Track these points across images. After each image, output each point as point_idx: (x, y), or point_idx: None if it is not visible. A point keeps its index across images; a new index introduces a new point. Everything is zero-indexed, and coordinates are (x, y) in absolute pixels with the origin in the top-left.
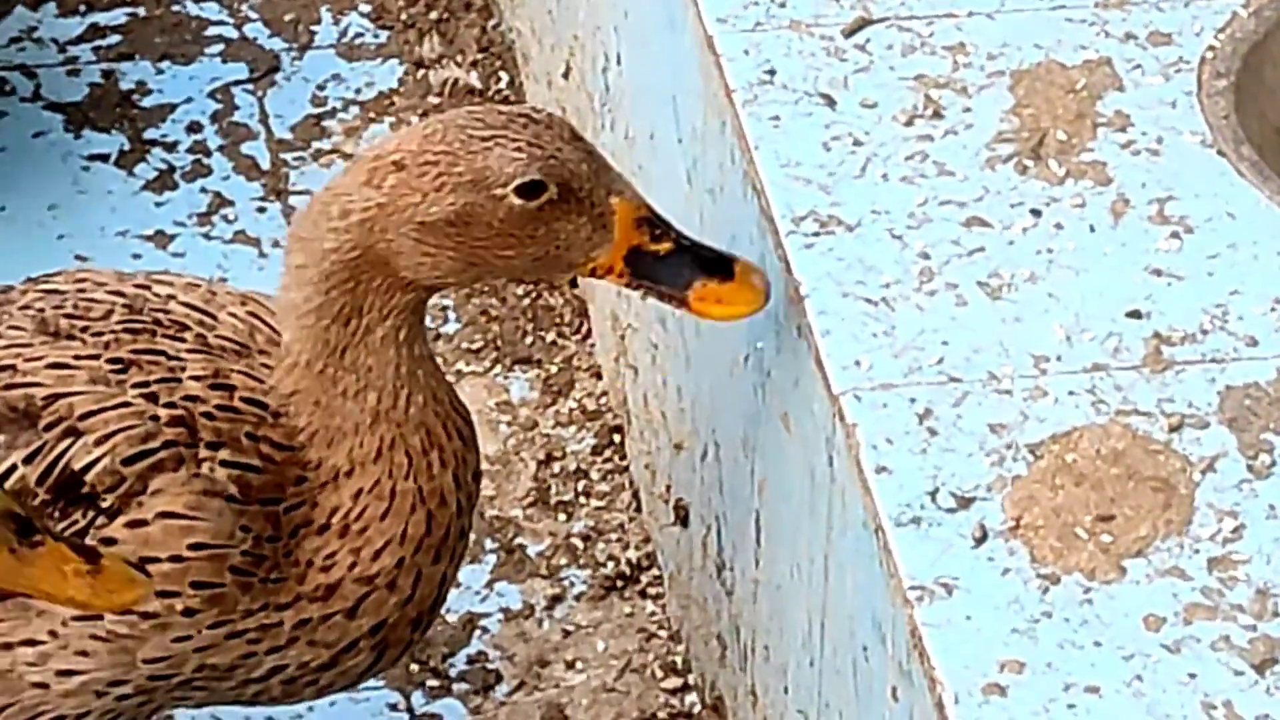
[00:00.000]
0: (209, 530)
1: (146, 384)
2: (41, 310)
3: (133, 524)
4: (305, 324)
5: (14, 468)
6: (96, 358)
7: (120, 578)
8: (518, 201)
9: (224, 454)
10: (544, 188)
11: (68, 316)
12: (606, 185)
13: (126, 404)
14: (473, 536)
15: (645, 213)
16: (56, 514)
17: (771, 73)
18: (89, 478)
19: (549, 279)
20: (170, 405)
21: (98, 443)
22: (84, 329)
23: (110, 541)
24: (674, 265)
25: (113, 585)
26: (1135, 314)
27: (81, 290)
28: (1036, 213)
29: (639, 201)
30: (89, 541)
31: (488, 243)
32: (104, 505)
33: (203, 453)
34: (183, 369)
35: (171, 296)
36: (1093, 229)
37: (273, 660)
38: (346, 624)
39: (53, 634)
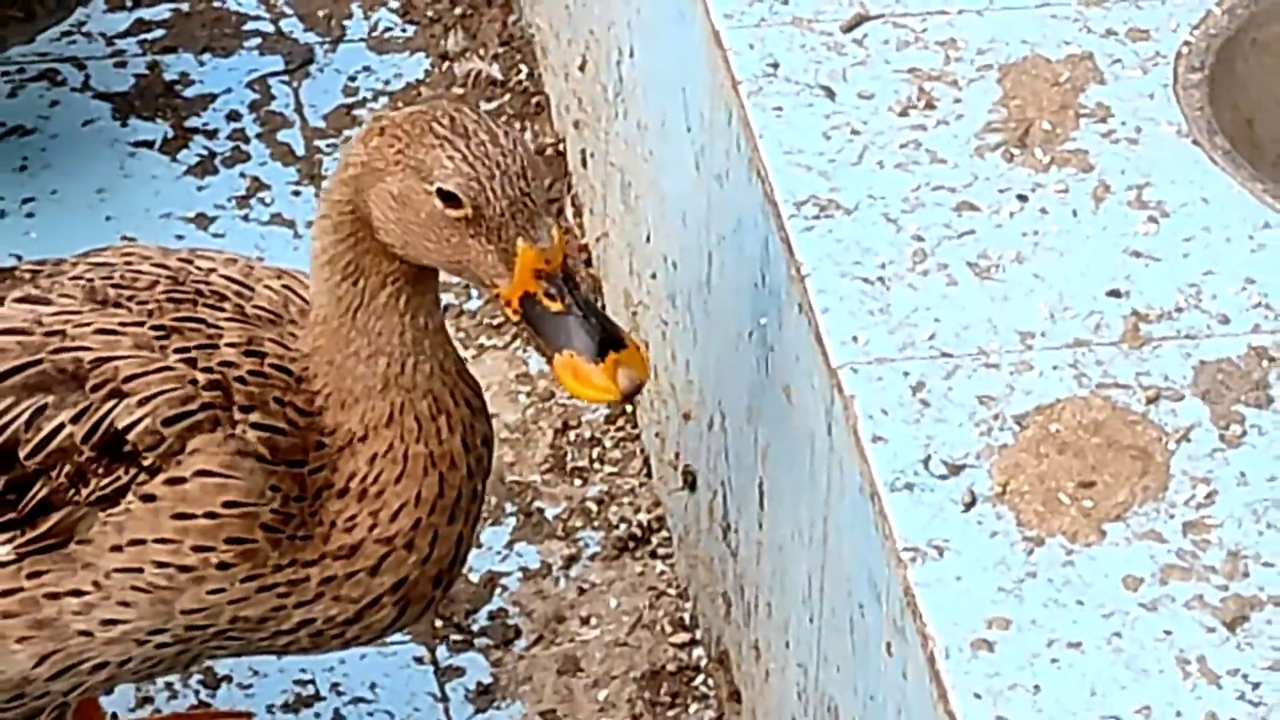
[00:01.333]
0: (242, 489)
1: (187, 350)
2: (91, 281)
3: (171, 481)
4: (321, 277)
5: (61, 426)
6: (141, 325)
7: None
8: (439, 204)
9: (255, 416)
10: (460, 203)
11: (115, 286)
12: (519, 228)
13: (168, 368)
14: (493, 500)
15: (549, 268)
16: (101, 471)
17: (775, 66)
18: (131, 436)
19: (475, 284)
20: (208, 370)
21: (140, 404)
22: (130, 298)
23: (150, 498)
24: (558, 325)
25: None
26: (1115, 293)
27: (129, 263)
28: (1023, 198)
29: (546, 255)
30: (131, 498)
31: (418, 230)
32: (145, 463)
33: (236, 415)
34: (220, 336)
35: (212, 270)
36: (1075, 213)
37: (301, 614)
38: (369, 581)
39: (96, 585)
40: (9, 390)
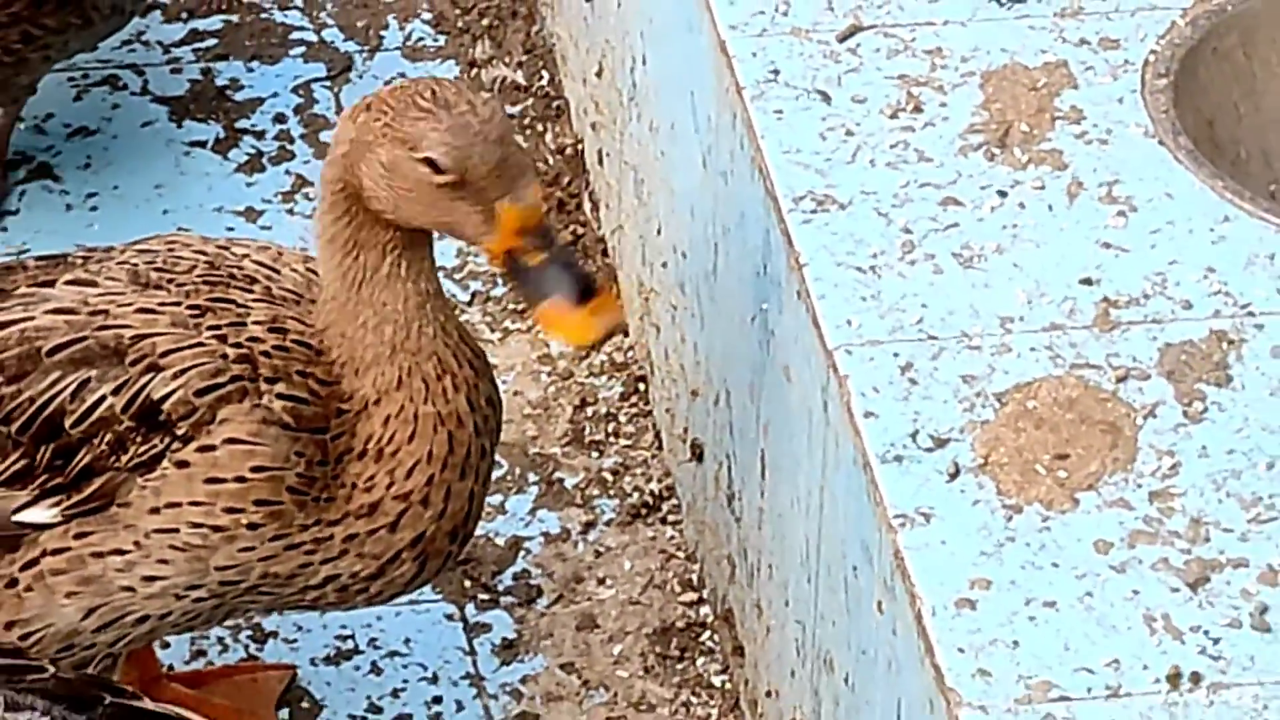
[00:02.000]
0: (268, 454)
1: (218, 327)
2: (135, 265)
3: (203, 449)
4: (325, 256)
5: (103, 398)
6: (178, 304)
7: None
8: (424, 170)
9: (279, 388)
10: (445, 170)
11: (157, 270)
12: (501, 190)
13: (200, 344)
14: (517, 470)
15: (529, 225)
16: (139, 439)
17: (776, 72)
18: (166, 407)
19: (465, 240)
20: (237, 345)
21: (174, 376)
22: (170, 280)
23: (184, 464)
24: (540, 277)
25: None
26: (1087, 281)
27: (171, 249)
28: (1003, 194)
29: (527, 214)
30: (167, 464)
31: (407, 194)
32: (179, 432)
33: (262, 386)
34: (248, 315)
35: (245, 255)
36: (1051, 208)
37: (327, 570)
38: (390, 538)
39: (137, 544)
40: (56, 365)
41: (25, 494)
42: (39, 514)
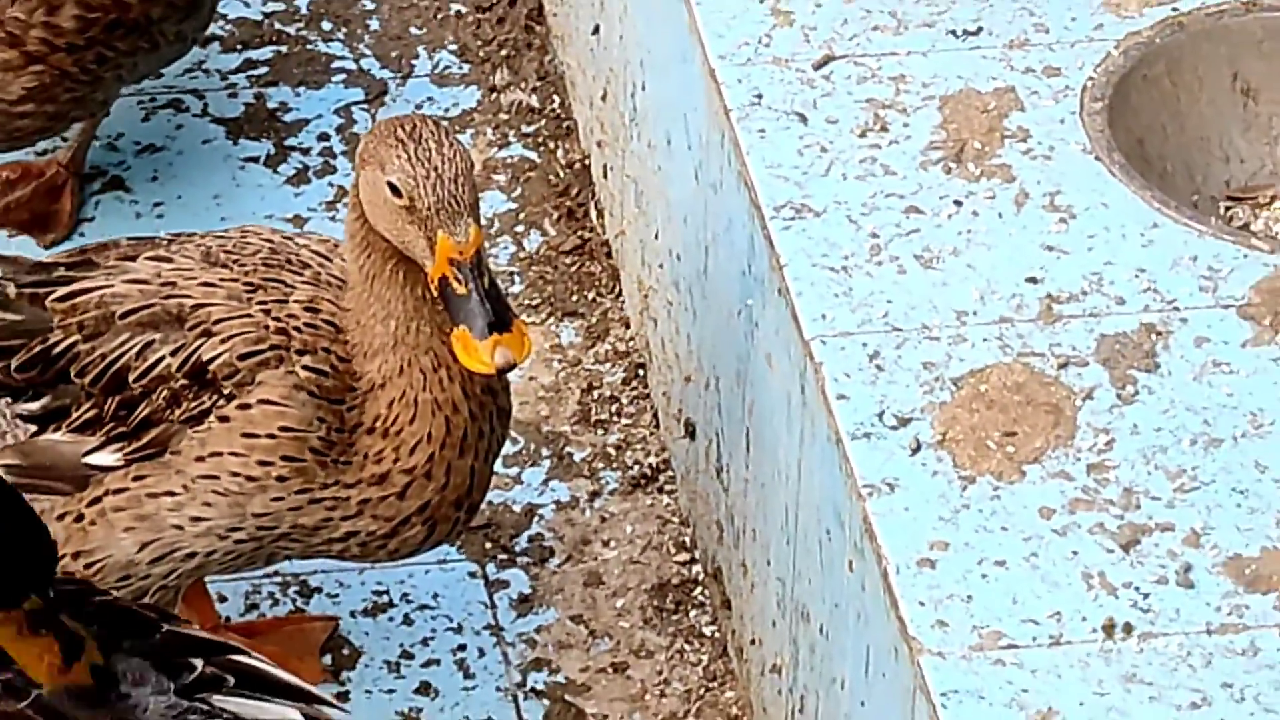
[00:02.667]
0: (295, 416)
1: (265, 302)
2: (209, 247)
3: (242, 406)
4: (348, 250)
5: (163, 358)
6: (236, 281)
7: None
8: (387, 191)
9: (306, 360)
10: (401, 194)
11: (226, 252)
12: (442, 223)
13: (249, 315)
14: (532, 446)
15: (460, 258)
16: (190, 395)
17: (759, 96)
18: (213, 367)
19: (415, 259)
20: (277, 319)
21: (222, 341)
22: (235, 261)
23: (225, 419)
24: (460, 305)
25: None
26: (1032, 280)
27: (244, 236)
28: (958, 203)
29: (460, 248)
30: (212, 418)
31: (379, 212)
32: (224, 391)
33: (294, 356)
34: (292, 294)
35: (305, 245)
36: (1000, 215)
37: (347, 526)
38: (399, 504)
39: (185, 488)
40: (126, 327)
41: (94, 439)
42: (104, 458)
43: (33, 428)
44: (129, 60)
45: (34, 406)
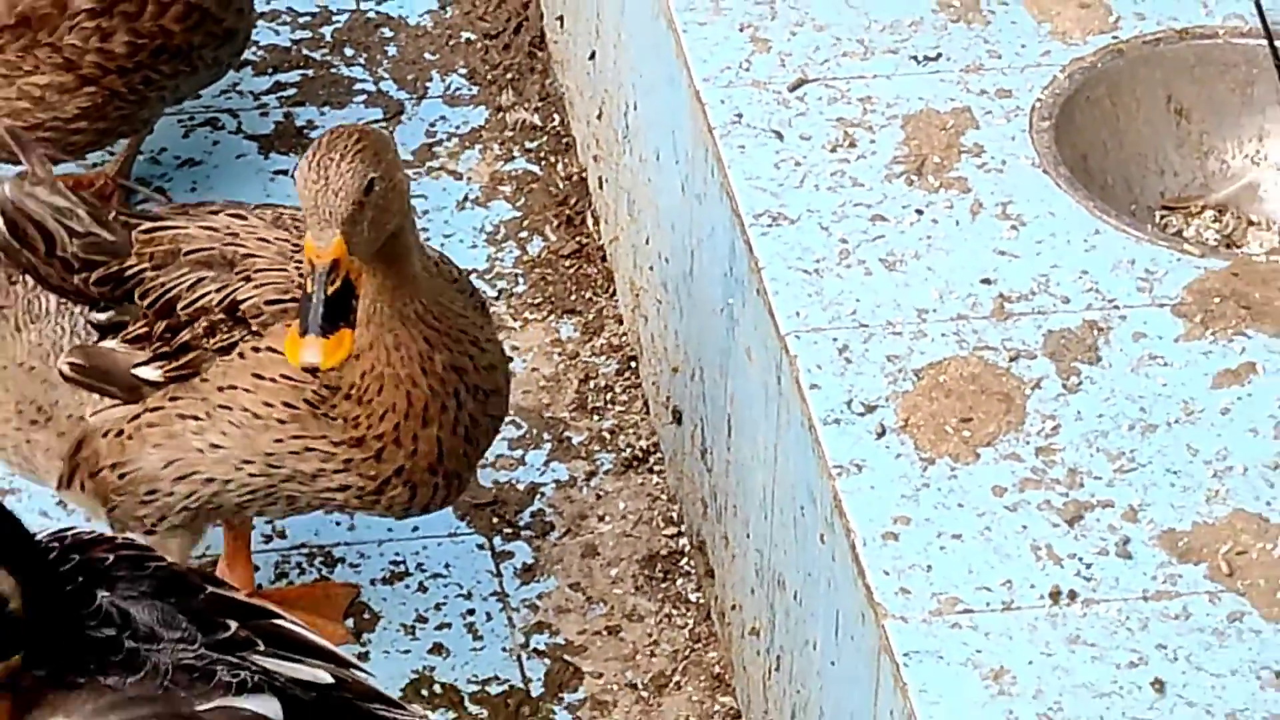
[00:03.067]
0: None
1: (300, 264)
2: (281, 213)
3: (258, 348)
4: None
5: (208, 293)
6: (287, 241)
7: None
8: None
9: None
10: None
11: (293, 219)
12: (310, 226)
13: (284, 270)
14: (534, 431)
15: (312, 261)
16: (225, 328)
17: (739, 115)
18: (244, 307)
19: None
20: (301, 276)
21: (256, 287)
22: (295, 227)
23: (243, 355)
24: (302, 302)
25: None
26: (986, 281)
27: None
28: (920, 212)
29: (318, 253)
30: (236, 352)
31: None
32: (251, 329)
33: None
34: None
35: None
36: (958, 223)
37: (340, 479)
38: (378, 466)
39: (208, 414)
40: (187, 263)
41: (143, 354)
42: (149, 372)
43: (97, 335)
44: (171, 82)
45: (102, 317)
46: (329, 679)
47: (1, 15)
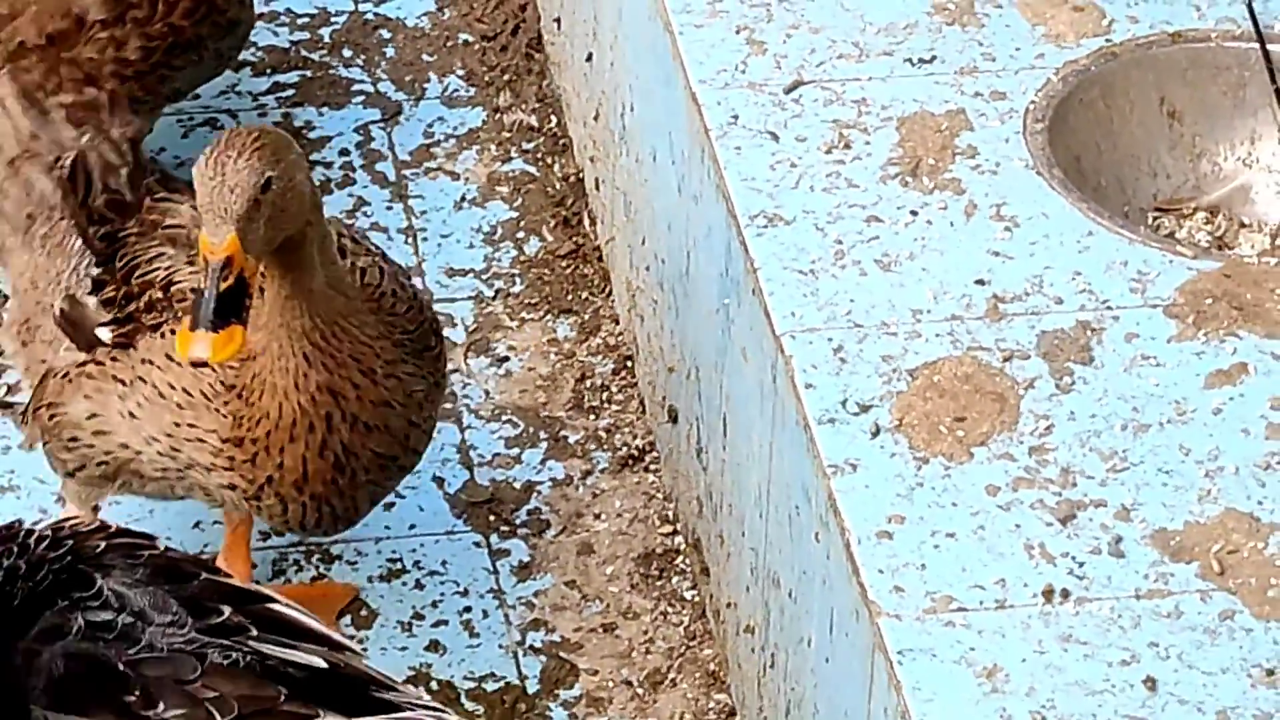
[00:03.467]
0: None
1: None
2: None
3: (174, 331)
4: None
5: (159, 269)
6: None
7: None
8: None
9: None
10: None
11: None
12: (205, 222)
13: None
14: (531, 429)
15: (209, 257)
16: (161, 306)
17: (735, 117)
18: (173, 290)
19: None
20: (195, 272)
21: (191, 272)
22: None
23: (163, 336)
24: (195, 298)
25: None
26: (980, 281)
27: None
28: (914, 213)
29: (211, 249)
30: (162, 330)
31: None
32: (175, 312)
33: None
34: None
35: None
36: (952, 224)
37: (226, 476)
38: (252, 469)
39: (129, 381)
40: (160, 237)
41: (106, 316)
42: (104, 333)
43: (91, 288)
44: (181, 74)
45: (95, 272)
46: (323, 664)
47: (30, 37)
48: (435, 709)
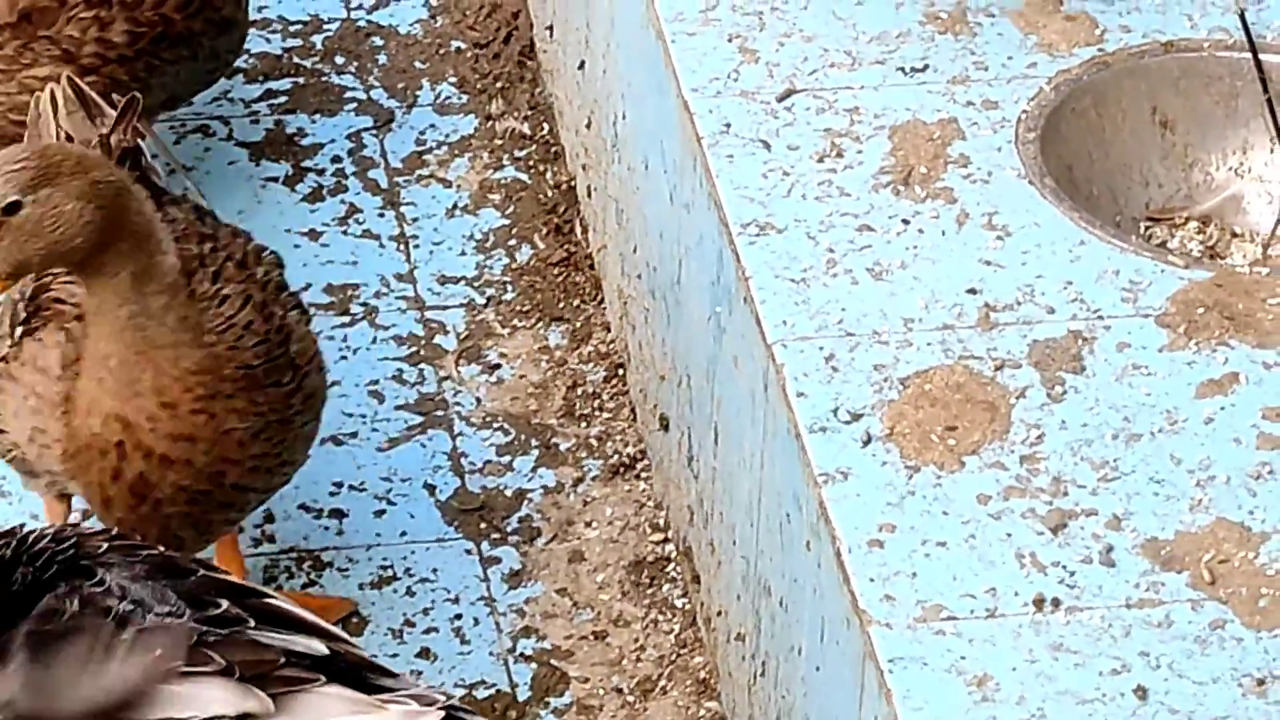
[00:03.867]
0: (47, 361)
1: None
2: (196, 228)
3: (41, 338)
4: None
5: (58, 273)
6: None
7: None
8: None
9: (76, 325)
10: None
11: (200, 235)
12: None
13: None
14: (522, 437)
15: None
16: (44, 310)
17: (728, 125)
18: (43, 297)
19: None
20: None
21: (63, 284)
22: (201, 239)
23: (36, 340)
24: None
25: None
26: (972, 290)
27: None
28: (906, 222)
29: None
30: (43, 333)
31: None
32: (45, 321)
33: (75, 320)
34: None
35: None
36: (944, 233)
37: (71, 484)
38: (83, 482)
39: (15, 379)
40: None
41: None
42: (18, 329)
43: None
44: (173, 68)
45: None
46: (324, 650)
47: (3, 13)
48: (441, 692)
